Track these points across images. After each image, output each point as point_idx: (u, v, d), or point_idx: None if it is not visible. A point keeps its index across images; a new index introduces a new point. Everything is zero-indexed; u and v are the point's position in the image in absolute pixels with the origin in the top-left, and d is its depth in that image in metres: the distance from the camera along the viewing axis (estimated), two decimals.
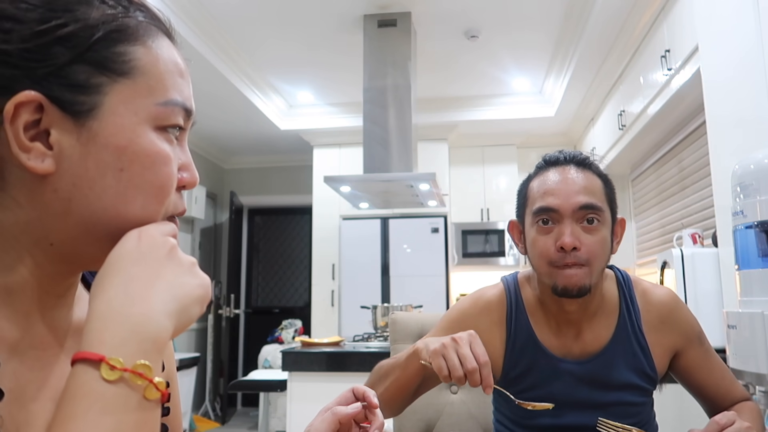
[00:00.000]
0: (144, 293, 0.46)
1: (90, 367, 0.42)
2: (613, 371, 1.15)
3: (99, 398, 0.41)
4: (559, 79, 4.33)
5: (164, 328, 0.46)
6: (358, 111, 4.35)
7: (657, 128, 3.34)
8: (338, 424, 0.71)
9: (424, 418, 1.62)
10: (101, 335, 0.43)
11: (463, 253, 5.08)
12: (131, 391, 0.42)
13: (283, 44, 3.86)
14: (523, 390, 1.17)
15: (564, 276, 1.08)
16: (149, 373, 0.43)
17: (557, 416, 1.13)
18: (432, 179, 3.23)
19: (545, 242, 1.10)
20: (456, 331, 1.22)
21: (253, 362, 5.85)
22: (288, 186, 6.19)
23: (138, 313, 0.45)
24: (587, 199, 1.09)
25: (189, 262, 0.51)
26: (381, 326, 2.91)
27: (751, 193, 1.40)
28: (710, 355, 1.19)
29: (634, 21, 3.22)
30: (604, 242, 1.10)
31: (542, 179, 1.15)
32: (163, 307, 0.46)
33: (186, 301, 0.48)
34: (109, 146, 0.49)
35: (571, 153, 1.16)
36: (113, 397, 0.42)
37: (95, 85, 0.49)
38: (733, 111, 1.86)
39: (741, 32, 1.76)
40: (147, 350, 0.44)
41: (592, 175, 1.13)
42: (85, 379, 0.42)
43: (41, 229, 0.50)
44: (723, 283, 2.06)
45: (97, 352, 0.42)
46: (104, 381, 0.42)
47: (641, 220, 4.28)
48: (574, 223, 1.09)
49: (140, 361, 0.43)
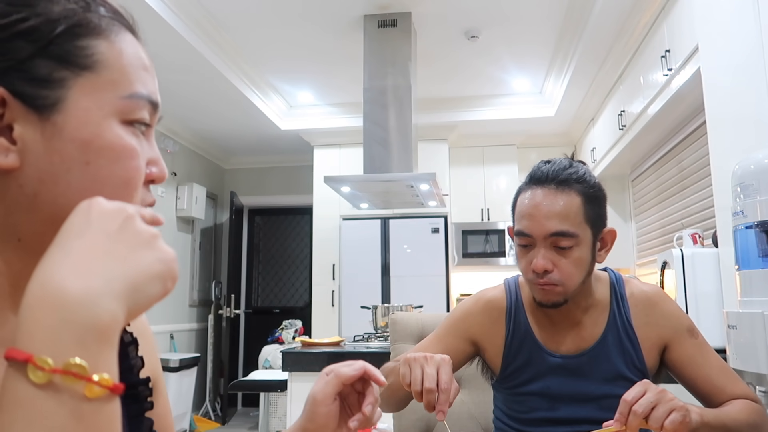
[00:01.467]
0: (83, 271, 0.39)
1: (16, 369, 0.37)
2: (604, 364, 1.20)
3: (25, 406, 0.36)
4: (560, 79, 4.33)
5: (109, 312, 0.39)
6: (358, 111, 4.35)
7: (657, 128, 3.34)
8: (341, 385, 0.71)
9: (424, 418, 1.62)
10: (31, 327, 0.37)
11: (463, 253, 5.08)
12: (65, 395, 0.37)
13: (284, 44, 3.87)
14: (520, 384, 1.24)
15: (539, 291, 1.17)
16: (84, 372, 0.37)
17: (552, 410, 1.20)
18: (432, 179, 3.24)
19: (524, 262, 1.18)
20: (459, 330, 1.29)
21: (253, 362, 5.85)
22: (288, 186, 6.19)
23: (75, 295, 0.38)
24: (558, 227, 1.12)
25: (148, 233, 0.44)
26: (381, 326, 2.91)
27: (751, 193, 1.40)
28: (704, 350, 1.19)
29: (634, 21, 3.22)
30: (579, 262, 1.15)
31: (523, 198, 1.18)
32: (107, 286, 0.40)
33: (140, 278, 0.42)
34: (74, 140, 0.49)
35: (555, 170, 1.16)
36: (42, 404, 0.36)
37: (58, 79, 0.49)
38: (733, 111, 1.86)
39: (741, 32, 1.76)
40: (86, 341, 0.38)
41: (571, 195, 1.14)
42: (11, 383, 0.37)
43: (8, 225, 0.49)
44: (723, 283, 2.06)
45: (23, 350, 0.37)
46: (32, 385, 0.36)
47: (641, 221, 4.28)
48: (547, 248, 1.14)
49: (73, 360, 0.37)
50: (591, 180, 1.17)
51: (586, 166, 1.21)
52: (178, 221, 5.31)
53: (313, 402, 0.70)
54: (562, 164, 1.17)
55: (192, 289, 5.56)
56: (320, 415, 0.70)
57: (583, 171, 1.17)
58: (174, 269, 0.45)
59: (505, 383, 1.26)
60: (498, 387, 1.30)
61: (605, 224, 1.19)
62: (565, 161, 1.19)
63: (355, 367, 0.71)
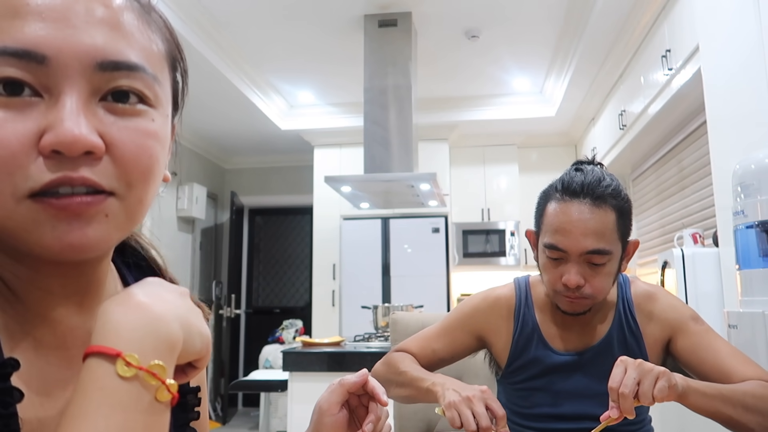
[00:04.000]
0: (162, 297, 0.45)
1: (105, 361, 0.40)
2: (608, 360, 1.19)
3: (111, 394, 0.40)
4: (560, 79, 4.33)
5: (179, 333, 0.44)
6: (358, 111, 4.35)
7: (657, 128, 3.34)
8: (347, 394, 0.70)
9: (424, 418, 1.62)
10: (118, 327, 0.42)
11: (463, 253, 5.08)
12: (144, 390, 0.41)
13: (284, 44, 3.87)
14: (525, 380, 1.26)
15: (566, 303, 1.17)
16: (163, 374, 0.42)
17: (556, 405, 1.22)
18: (433, 179, 3.24)
19: (553, 274, 1.16)
20: (467, 325, 1.30)
21: (253, 362, 5.85)
22: (289, 186, 6.19)
23: (156, 312, 0.43)
24: (595, 245, 1.11)
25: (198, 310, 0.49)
26: (382, 326, 2.91)
27: (751, 193, 1.40)
28: (710, 336, 1.18)
29: (635, 21, 3.22)
30: (609, 276, 1.16)
31: (557, 210, 1.15)
32: (176, 313, 0.45)
33: (192, 328, 0.46)
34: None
35: (591, 182, 1.14)
36: (126, 394, 0.40)
37: None
38: (733, 111, 1.86)
39: (742, 32, 1.76)
40: (162, 351, 0.42)
41: (606, 211, 1.13)
42: (99, 373, 0.40)
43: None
44: (724, 282, 2.06)
45: (113, 347, 0.41)
46: (119, 377, 0.40)
47: (642, 220, 4.28)
48: (580, 264, 1.13)
49: (155, 361, 0.41)
50: (623, 193, 1.17)
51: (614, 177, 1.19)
52: (178, 221, 5.31)
53: (319, 411, 0.70)
54: (596, 176, 1.15)
55: (192, 289, 5.54)
56: (326, 425, 0.69)
57: (615, 184, 1.16)
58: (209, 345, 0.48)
59: (510, 378, 1.28)
60: (502, 382, 1.32)
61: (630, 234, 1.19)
62: (597, 171, 1.17)
63: (358, 374, 0.71)
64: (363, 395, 0.71)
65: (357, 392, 0.71)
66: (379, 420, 0.70)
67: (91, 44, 0.45)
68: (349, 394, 0.70)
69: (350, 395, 0.71)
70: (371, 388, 0.70)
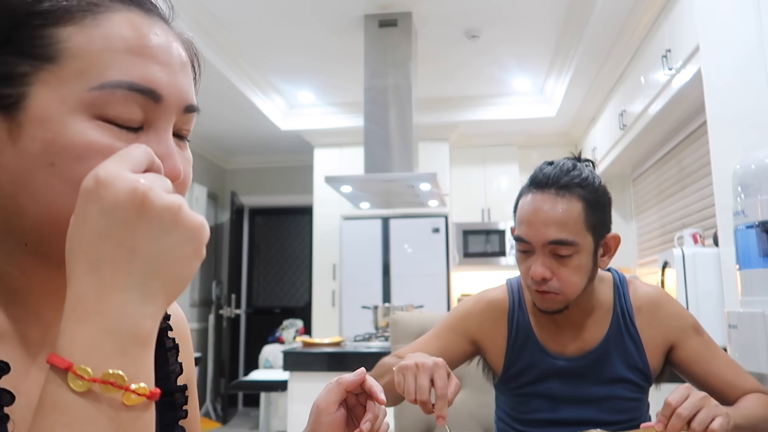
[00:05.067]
0: (117, 280, 0.40)
1: (57, 375, 0.38)
2: (607, 366, 1.19)
3: (66, 412, 0.37)
4: (560, 79, 4.34)
5: (147, 317, 0.40)
6: (358, 111, 4.35)
7: (658, 128, 3.34)
8: (344, 393, 0.70)
9: (424, 418, 1.62)
10: (72, 336, 0.39)
11: (464, 253, 5.08)
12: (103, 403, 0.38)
13: (284, 44, 3.87)
14: (523, 385, 1.23)
15: (539, 298, 1.15)
16: (122, 382, 0.38)
17: (554, 411, 1.20)
18: (433, 179, 3.24)
19: (523, 267, 1.16)
20: (460, 328, 1.27)
21: (254, 362, 5.85)
22: (289, 186, 6.19)
23: (113, 306, 0.39)
24: (557, 235, 1.09)
25: (169, 212, 0.42)
26: (382, 326, 2.91)
27: (752, 193, 1.40)
28: (711, 347, 1.19)
29: (635, 21, 3.22)
30: (578, 270, 1.12)
31: (524, 203, 1.15)
32: (142, 291, 0.40)
33: (172, 269, 0.42)
34: (36, 139, 0.45)
35: (556, 173, 1.12)
36: (82, 410, 0.37)
37: (19, 75, 0.45)
38: (734, 111, 1.86)
39: (742, 32, 1.76)
40: (126, 349, 0.39)
41: (572, 201, 1.10)
42: (52, 388, 0.38)
43: (11, 231, 0.48)
44: (724, 282, 2.06)
45: (66, 358, 0.38)
46: (72, 392, 0.37)
47: (642, 220, 4.28)
48: (545, 255, 1.11)
49: (110, 370, 0.38)
50: (594, 184, 1.13)
51: (590, 167, 1.17)
52: None
53: (317, 410, 0.69)
54: (564, 167, 1.13)
55: (192, 289, 5.57)
56: (324, 424, 0.68)
57: (586, 174, 1.13)
58: (202, 239, 0.44)
59: (508, 384, 1.25)
60: (500, 388, 1.30)
61: (609, 229, 1.16)
62: (568, 163, 1.15)
63: (356, 372, 0.70)
64: (361, 394, 0.71)
65: (355, 391, 0.70)
66: (377, 419, 0.70)
67: (184, 89, 0.53)
68: (347, 393, 0.70)
69: (348, 394, 0.70)
70: (369, 387, 0.69)
